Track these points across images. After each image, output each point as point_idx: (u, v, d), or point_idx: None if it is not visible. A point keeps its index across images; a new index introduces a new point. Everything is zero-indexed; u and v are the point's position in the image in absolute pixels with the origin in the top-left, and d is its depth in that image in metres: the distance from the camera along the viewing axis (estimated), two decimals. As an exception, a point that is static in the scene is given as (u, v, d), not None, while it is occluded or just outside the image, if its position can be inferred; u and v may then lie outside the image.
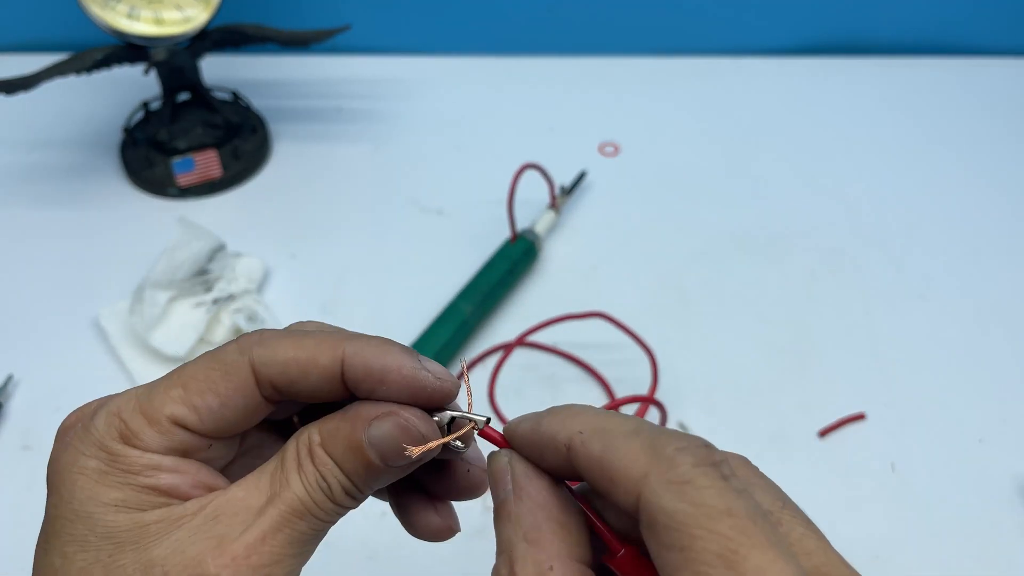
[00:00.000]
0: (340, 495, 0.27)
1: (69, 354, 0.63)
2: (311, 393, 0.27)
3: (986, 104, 0.87)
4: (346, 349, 0.26)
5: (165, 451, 0.26)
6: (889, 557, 0.53)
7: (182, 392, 0.26)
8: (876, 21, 0.91)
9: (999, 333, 0.66)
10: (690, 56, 0.92)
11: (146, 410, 0.26)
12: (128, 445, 0.26)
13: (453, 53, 0.91)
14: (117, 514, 0.25)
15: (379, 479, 0.27)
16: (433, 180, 0.78)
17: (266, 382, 0.26)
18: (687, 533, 0.21)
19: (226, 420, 0.27)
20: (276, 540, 0.25)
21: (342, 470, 0.26)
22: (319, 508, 0.26)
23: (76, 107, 0.82)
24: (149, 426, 0.26)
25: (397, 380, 0.26)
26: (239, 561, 0.25)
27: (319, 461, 0.27)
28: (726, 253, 0.72)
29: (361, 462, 0.26)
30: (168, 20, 0.69)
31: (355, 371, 0.26)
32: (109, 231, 0.72)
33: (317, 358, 0.26)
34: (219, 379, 0.26)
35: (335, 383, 0.27)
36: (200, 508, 0.26)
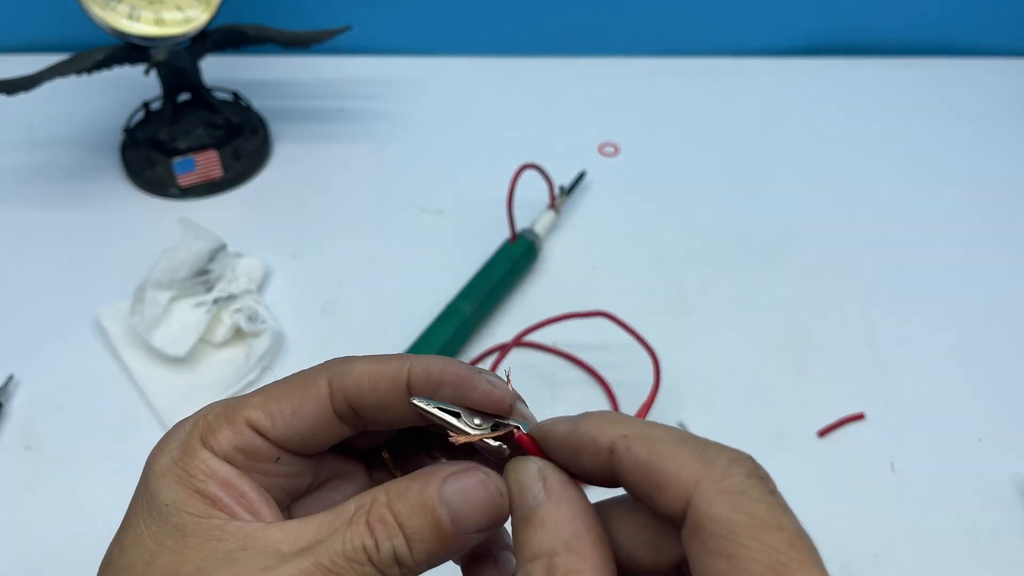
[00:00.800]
0: (388, 561, 0.25)
1: (70, 354, 0.63)
2: (380, 406, 0.27)
3: (986, 104, 0.87)
4: (412, 361, 0.27)
5: (235, 451, 0.27)
6: (888, 557, 0.53)
7: (262, 399, 0.27)
8: (876, 21, 0.91)
9: (999, 333, 0.66)
10: (690, 56, 0.92)
11: (228, 412, 0.27)
12: (204, 445, 0.27)
13: (453, 54, 0.91)
14: (169, 518, 0.26)
15: (443, 547, 0.25)
16: (433, 180, 0.78)
17: (339, 393, 0.27)
18: (737, 542, 0.21)
19: (296, 429, 0.27)
20: None
21: (403, 531, 0.25)
22: (352, 572, 0.24)
23: (77, 107, 0.83)
24: (226, 425, 0.27)
25: (453, 381, 0.27)
26: None
27: (376, 518, 0.25)
28: (726, 253, 0.72)
29: (428, 521, 0.25)
30: (169, 21, 0.69)
31: (417, 378, 0.27)
32: (110, 231, 0.72)
33: (385, 369, 0.27)
34: (296, 388, 0.27)
35: (402, 394, 0.27)
36: (237, 536, 0.25)
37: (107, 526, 0.56)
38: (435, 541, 0.25)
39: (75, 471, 0.57)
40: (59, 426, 0.59)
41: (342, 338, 0.64)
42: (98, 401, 0.60)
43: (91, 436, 0.58)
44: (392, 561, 0.25)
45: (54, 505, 0.55)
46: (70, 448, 0.58)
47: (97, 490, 0.56)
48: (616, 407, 0.60)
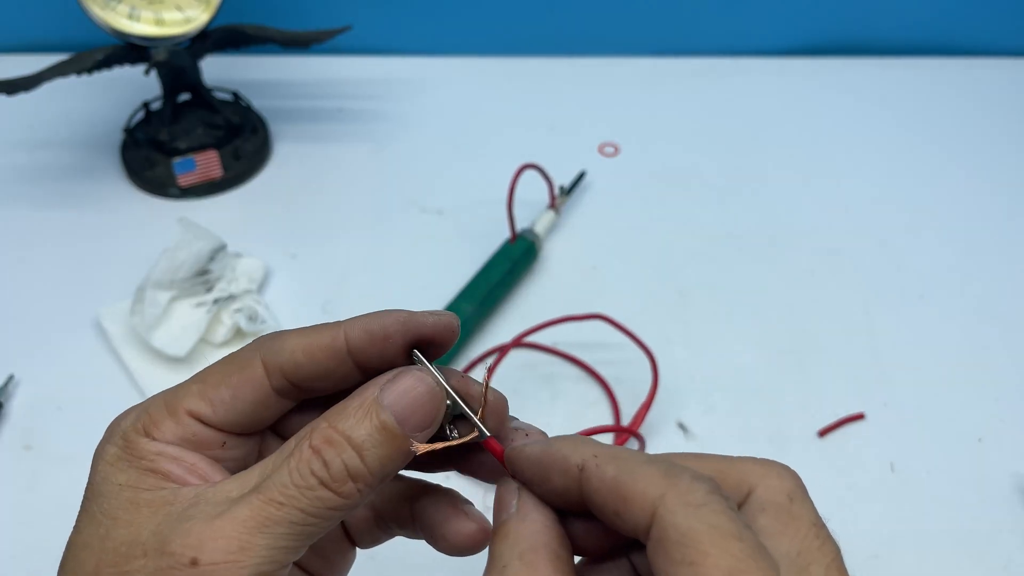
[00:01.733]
0: (340, 477, 0.25)
1: (70, 354, 0.63)
2: (321, 375, 0.28)
3: (985, 104, 0.87)
4: (344, 325, 0.27)
5: (180, 442, 0.27)
6: (888, 556, 0.53)
7: (200, 387, 0.28)
8: (875, 21, 0.91)
9: (998, 333, 0.66)
10: (690, 57, 0.92)
11: (169, 403, 0.27)
12: (148, 436, 0.27)
13: (454, 54, 0.91)
14: (120, 494, 0.26)
15: (394, 450, 0.25)
16: (433, 180, 0.78)
17: (276, 371, 0.27)
18: (699, 550, 0.22)
19: (238, 412, 0.27)
20: (246, 529, 0.24)
21: (351, 443, 0.25)
22: (305, 498, 0.25)
23: (77, 107, 0.83)
24: (168, 418, 0.27)
25: (398, 328, 0.27)
26: (205, 544, 0.24)
27: (320, 440, 0.25)
28: (726, 253, 0.72)
29: (375, 426, 0.25)
30: (169, 21, 0.69)
31: (357, 339, 0.27)
32: (110, 231, 0.72)
33: (319, 338, 0.27)
34: (232, 372, 0.28)
35: (341, 359, 0.27)
36: (188, 497, 0.26)
37: (107, 526, 0.56)
38: (385, 445, 0.25)
39: (75, 471, 0.56)
40: (59, 426, 0.59)
41: (342, 338, 0.64)
42: (98, 401, 0.60)
43: (91, 436, 0.58)
44: (345, 476, 0.25)
45: (54, 505, 0.55)
46: (70, 448, 0.58)
47: (97, 490, 0.56)
48: (616, 407, 0.60)
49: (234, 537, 0.24)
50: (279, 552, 0.24)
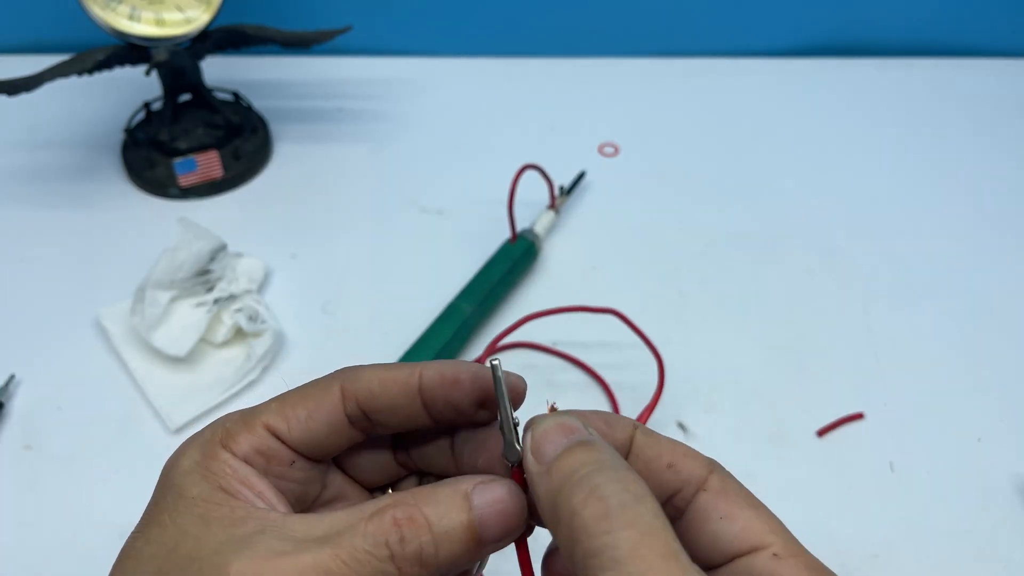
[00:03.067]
0: (412, 559, 0.25)
1: (70, 354, 0.63)
2: (391, 408, 0.28)
3: (986, 104, 0.87)
4: (422, 365, 0.28)
5: (253, 454, 0.28)
6: (888, 556, 0.53)
7: (279, 404, 0.29)
8: (875, 22, 0.91)
9: (998, 332, 0.66)
10: (689, 57, 0.92)
11: (246, 417, 0.28)
12: (225, 448, 0.28)
13: (454, 54, 0.91)
14: (193, 508, 0.26)
15: (468, 552, 0.26)
16: (433, 180, 0.78)
17: (351, 397, 0.28)
18: None
19: (311, 432, 0.28)
20: None
21: (431, 532, 0.25)
22: (370, 567, 0.24)
23: (77, 108, 0.83)
24: (245, 430, 0.28)
25: (468, 379, 0.28)
26: None
27: (404, 515, 0.25)
28: (725, 253, 0.72)
29: (460, 523, 0.25)
30: (169, 21, 0.69)
31: (430, 380, 0.28)
32: (110, 231, 0.72)
33: (397, 373, 0.28)
34: (311, 394, 0.29)
35: (412, 396, 0.28)
36: (256, 520, 0.26)
37: (107, 526, 0.56)
38: (463, 544, 0.25)
39: (75, 471, 0.57)
40: (60, 426, 0.59)
41: (342, 338, 0.64)
42: (99, 401, 0.60)
43: (91, 436, 0.58)
44: (417, 560, 0.25)
45: (54, 505, 0.55)
46: (70, 448, 0.58)
47: (97, 490, 0.56)
48: (616, 409, 0.60)
49: None
50: None
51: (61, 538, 0.53)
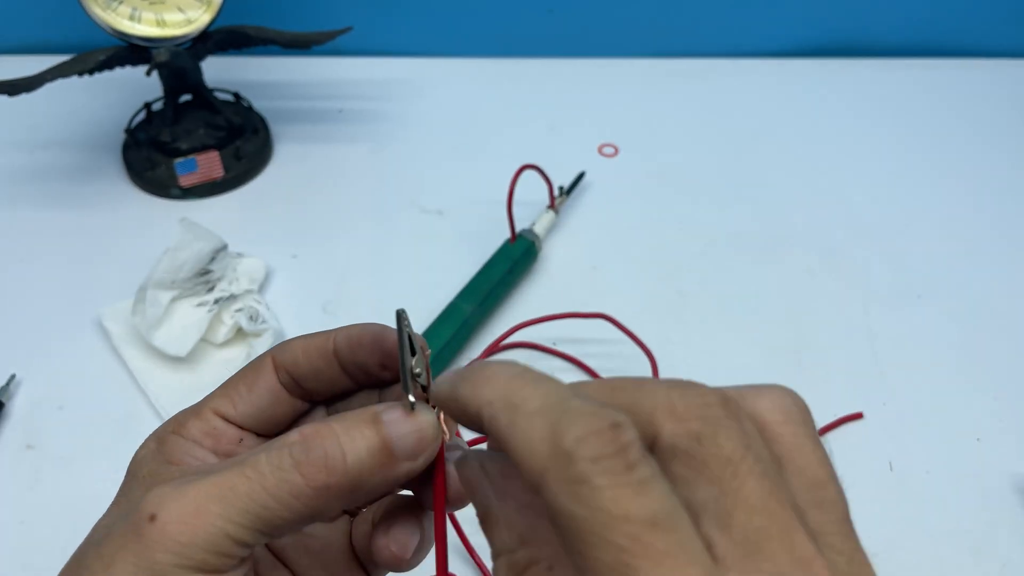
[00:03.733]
0: (317, 463, 0.25)
1: (71, 354, 0.63)
2: (313, 374, 0.30)
3: (986, 104, 0.87)
4: (336, 332, 0.30)
5: (202, 436, 0.29)
6: (887, 556, 0.53)
7: (222, 389, 0.31)
8: (875, 22, 0.91)
9: (997, 332, 0.66)
10: (689, 57, 0.92)
11: (196, 408, 0.30)
12: (176, 434, 0.29)
13: (454, 55, 0.92)
14: (143, 482, 0.28)
15: (376, 461, 0.26)
16: (433, 180, 0.78)
17: (281, 368, 0.30)
18: (582, 540, 0.19)
19: (254, 406, 0.30)
20: (207, 496, 0.25)
21: (339, 438, 0.26)
22: (272, 477, 0.25)
23: (78, 108, 0.83)
24: (193, 417, 0.30)
25: (370, 341, 0.29)
26: (166, 503, 0.25)
27: (311, 430, 0.26)
28: (725, 253, 0.72)
29: (368, 434, 0.26)
30: (170, 22, 0.70)
31: (341, 344, 0.30)
32: (111, 231, 0.72)
33: (316, 340, 0.30)
34: (248, 372, 0.31)
35: (329, 361, 0.30)
36: (182, 471, 0.27)
37: (108, 525, 0.56)
38: (371, 454, 0.26)
39: (76, 471, 0.57)
40: (60, 426, 0.59)
41: (342, 338, 0.64)
42: (99, 401, 0.60)
43: (92, 436, 0.58)
44: (321, 465, 0.25)
45: (55, 505, 0.55)
46: (71, 448, 0.58)
47: (98, 490, 0.56)
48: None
49: (192, 500, 0.25)
50: (231, 526, 0.24)
51: (61, 538, 0.53)
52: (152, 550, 0.24)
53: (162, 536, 0.24)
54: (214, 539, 0.24)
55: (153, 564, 0.24)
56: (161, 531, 0.24)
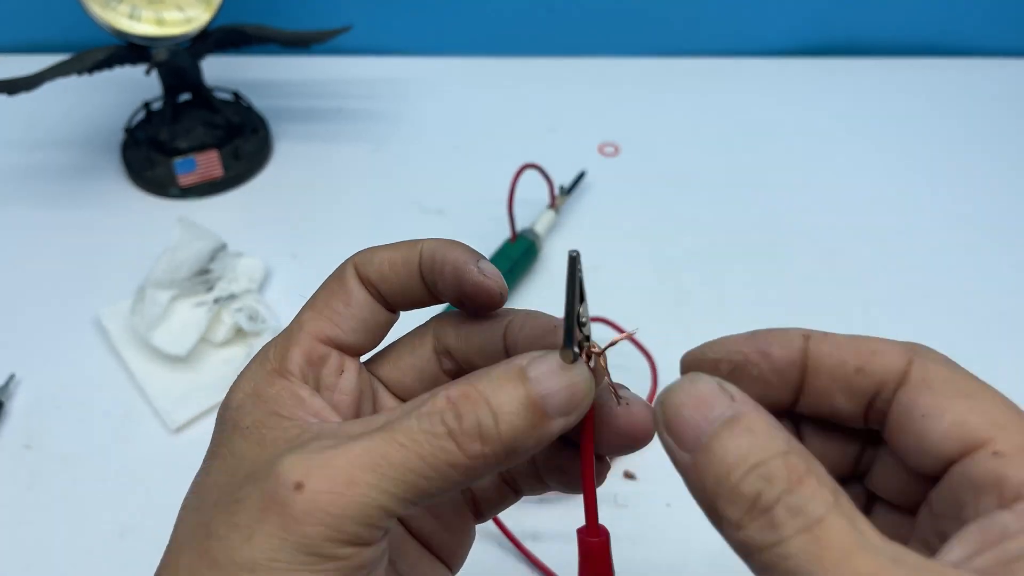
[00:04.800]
0: (471, 433, 0.23)
1: (71, 353, 0.63)
2: (400, 287, 0.28)
3: (986, 104, 0.87)
4: (423, 243, 0.28)
5: (305, 363, 0.27)
6: (888, 556, 0.53)
7: (315, 311, 0.29)
8: (875, 22, 0.91)
9: (998, 333, 0.66)
10: (690, 57, 0.92)
11: (289, 334, 0.28)
12: (275, 373, 0.27)
13: (454, 54, 0.91)
14: (247, 435, 0.26)
15: (529, 424, 0.24)
16: (433, 180, 0.78)
17: (366, 280, 0.29)
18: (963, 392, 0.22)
19: (357, 320, 0.28)
20: (359, 464, 0.23)
21: (489, 405, 0.24)
22: (428, 445, 0.23)
23: (77, 107, 0.83)
24: (295, 346, 0.28)
25: (451, 265, 0.27)
26: (313, 471, 0.23)
27: (459, 393, 0.24)
28: (726, 253, 0.72)
29: (517, 395, 0.24)
30: (169, 21, 0.69)
31: (425, 260, 0.28)
32: (110, 231, 0.72)
33: (399, 253, 0.28)
34: (336, 289, 0.29)
35: (416, 275, 0.28)
36: (312, 430, 0.25)
37: (108, 525, 0.56)
38: (522, 416, 0.24)
39: (75, 470, 0.57)
40: (60, 425, 0.59)
41: (342, 338, 0.64)
42: (99, 400, 0.60)
43: (92, 435, 0.58)
44: (476, 434, 0.23)
45: (54, 505, 0.55)
46: (70, 447, 0.58)
47: (97, 489, 0.56)
48: (616, 407, 0.60)
49: (343, 469, 0.23)
50: (385, 496, 0.23)
51: (61, 538, 0.53)
52: (300, 523, 0.23)
53: (311, 507, 0.23)
54: (367, 511, 0.23)
55: (302, 538, 0.22)
56: (310, 502, 0.23)
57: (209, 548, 0.23)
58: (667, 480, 0.62)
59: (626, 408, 0.27)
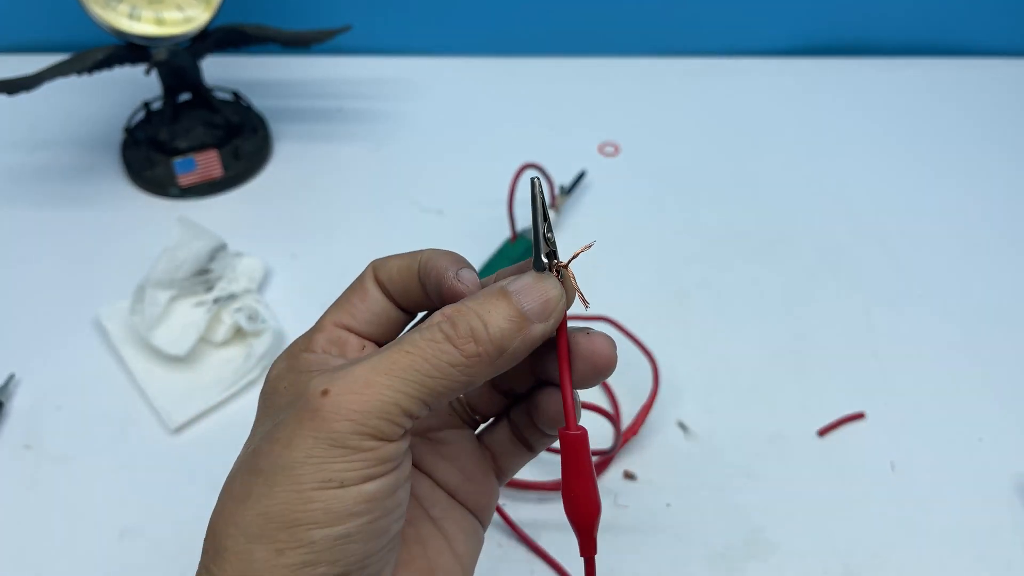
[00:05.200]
0: (465, 335, 0.28)
1: (70, 353, 0.63)
2: (404, 290, 0.32)
3: (986, 104, 0.87)
4: (423, 253, 0.32)
5: (329, 346, 0.32)
6: (887, 556, 0.53)
7: (337, 305, 0.33)
8: (876, 21, 0.91)
9: (998, 332, 0.66)
10: (690, 56, 0.92)
11: (316, 325, 0.33)
12: (306, 351, 0.32)
13: (453, 54, 0.91)
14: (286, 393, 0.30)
15: (514, 327, 0.29)
16: (433, 180, 0.78)
17: (381, 282, 0.33)
18: None
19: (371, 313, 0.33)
20: (375, 371, 0.27)
21: (478, 314, 0.28)
22: (430, 350, 0.28)
23: (77, 107, 0.83)
24: (318, 332, 0.32)
25: (435, 277, 0.31)
26: (337, 380, 0.27)
27: (451, 310, 0.29)
28: (726, 253, 0.72)
29: (501, 305, 0.29)
30: (169, 20, 0.69)
31: (422, 269, 0.32)
32: (110, 231, 0.72)
33: (406, 258, 0.32)
34: (357, 287, 0.33)
35: (415, 280, 0.32)
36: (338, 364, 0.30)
37: (107, 525, 0.56)
38: (507, 320, 0.29)
39: (75, 470, 0.57)
40: (59, 425, 0.59)
41: (342, 338, 0.64)
42: (98, 400, 0.60)
43: (91, 435, 0.58)
44: (469, 336, 0.28)
45: (54, 505, 0.55)
46: (70, 447, 0.58)
47: (97, 489, 0.56)
48: (616, 408, 0.60)
49: (361, 375, 0.27)
50: (399, 395, 0.27)
51: (61, 538, 0.53)
52: (329, 421, 0.27)
53: (337, 407, 0.27)
54: (386, 406, 0.27)
55: (332, 433, 0.27)
56: (335, 403, 0.27)
57: (256, 464, 0.27)
58: (667, 480, 0.62)
59: (587, 336, 0.31)
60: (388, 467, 0.28)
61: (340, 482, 0.27)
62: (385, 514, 0.28)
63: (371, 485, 0.27)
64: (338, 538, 0.27)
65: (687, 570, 0.52)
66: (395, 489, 0.28)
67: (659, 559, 0.53)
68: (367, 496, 0.27)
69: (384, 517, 0.28)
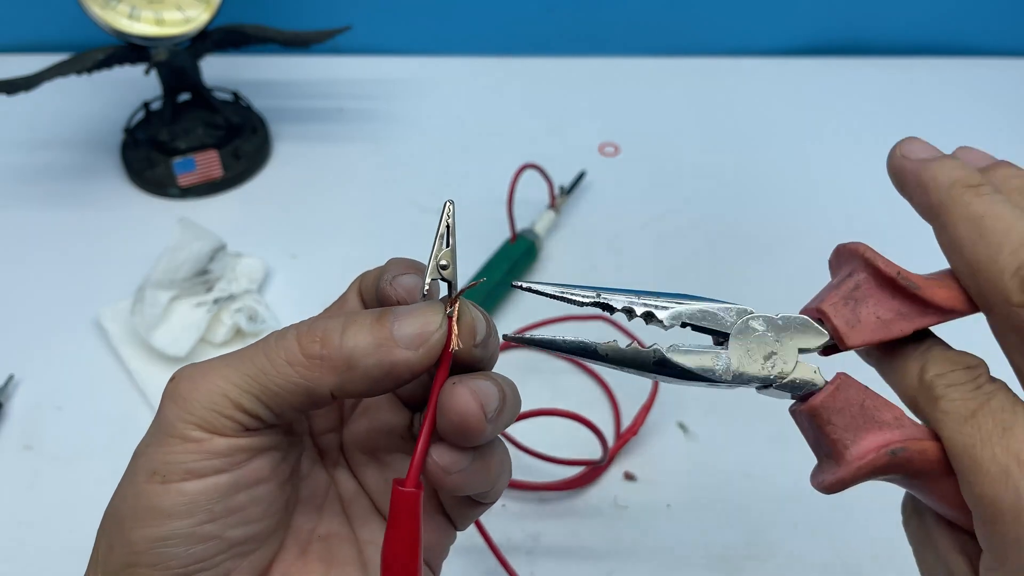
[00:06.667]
0: (313, 334, 0.27)
1: (70, 354, 0.63)
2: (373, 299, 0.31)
3: (986, 104, 0.87)
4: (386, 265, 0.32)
5: None
6: (888, 557, 0.53)
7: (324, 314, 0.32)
8: (876, 21, 0.91)
9: (999, 333, 0.66)
10: (690, 56, 0.92)
11: None
12: None
13: (453, 54, 0.91)
14: None
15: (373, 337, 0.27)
16: (433, 180, 0.78)
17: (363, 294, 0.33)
18: None
19: None
20: (217, 363, 0.27)
21: (340, 319, 0.27)
22: (273, 339, 0.27)
23: (77, 107, 0.83)
24: None
25: (371, 285, 0.31)
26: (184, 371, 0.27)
27: (322, 314, 0.28)
28: (726, 253, 0.72)
29: (367, 315, 0.27)
30: (169, 20, 0.69)
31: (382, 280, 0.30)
32: (110, 231, 0.72)
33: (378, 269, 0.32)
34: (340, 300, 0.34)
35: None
36: None
37: (107, 526, 0.56)
38: (369, 334, 0.27)
39: (75, 471, 0.57)
40: (59, 426, 0.59)
41: (342, 338, 0.64)
42: (98, 401, 0.60)
43: (91, 436, 0.58)
44: (317, 338, 0.27)
45: (54, 505, 0.55)
46: (70, 448, 0.58)
47: (97, 490, 0.56)
48: (616, 408, 0.60)
49: (205, 366, 0.27)
50: (231, 387, 0.26)
51: (61, 538, 0.53)
52: (163, 409, 0.27)
53: (173, 394, 0.27)
54: (213, 397, 0.26)
55: (162, 420, 0.27)
56: (173, 390, 0.27)
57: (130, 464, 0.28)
58: (667, 480, 0.62)
59: (452, 385, 0.27)
60: (218, 465, 0.26)
61: (163, 476, 0.26)
62: (213, 519, 0.26)
63: (193, 484, 0.25)
64: (155, 540, 0.25)
65: (687, 570, 0.52)
66: (230, 492, 0.26)
67: (659, 559, 0.53)
68: (188, 496, 0.25)
69: (212, 522, 0.26)
